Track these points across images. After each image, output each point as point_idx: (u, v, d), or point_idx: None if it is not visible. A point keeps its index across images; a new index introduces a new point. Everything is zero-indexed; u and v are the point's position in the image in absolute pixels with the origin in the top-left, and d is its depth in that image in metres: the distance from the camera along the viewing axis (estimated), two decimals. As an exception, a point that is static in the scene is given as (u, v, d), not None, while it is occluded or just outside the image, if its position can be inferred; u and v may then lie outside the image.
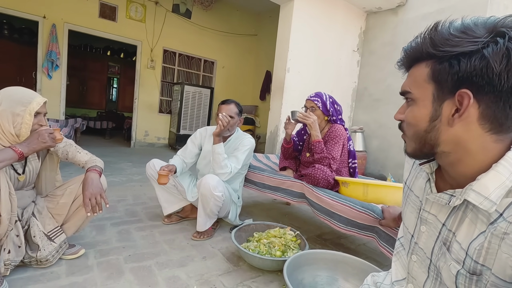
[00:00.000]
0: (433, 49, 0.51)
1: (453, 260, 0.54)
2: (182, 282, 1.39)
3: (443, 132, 0.53)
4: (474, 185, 0.50)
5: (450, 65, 0.49)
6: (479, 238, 0.50)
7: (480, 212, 0.51)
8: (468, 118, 0.50)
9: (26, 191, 1.39)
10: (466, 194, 0.51)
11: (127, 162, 4.15)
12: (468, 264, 0.51)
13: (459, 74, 0.48)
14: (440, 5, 3.52)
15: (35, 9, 4.61)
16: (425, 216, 0.63)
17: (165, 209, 2.05)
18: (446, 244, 0.57)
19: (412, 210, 0.68)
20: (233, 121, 1.95)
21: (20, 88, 1.30)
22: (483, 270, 0.49)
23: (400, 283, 0.72)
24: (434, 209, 0.61)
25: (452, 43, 0.48)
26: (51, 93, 4.85)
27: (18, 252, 1.27)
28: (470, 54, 0.46)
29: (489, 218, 0.49)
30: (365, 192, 1.57)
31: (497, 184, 0.48)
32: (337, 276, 1.36)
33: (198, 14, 6.08)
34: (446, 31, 0.49)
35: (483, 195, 0.49)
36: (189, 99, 5.67)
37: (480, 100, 0.48)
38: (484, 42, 0.46)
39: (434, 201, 0.59)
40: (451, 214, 0.57)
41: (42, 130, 1.25)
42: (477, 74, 0.46)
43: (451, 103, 0.51)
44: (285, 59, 3.73)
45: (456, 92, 0.49)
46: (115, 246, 1.66)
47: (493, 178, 0.48)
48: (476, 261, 0.50)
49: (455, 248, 0.54)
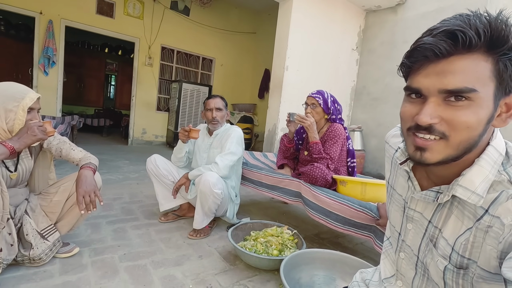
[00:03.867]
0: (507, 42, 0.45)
1: (440, 256, 0.55)
2: (178, 281, 1.37)
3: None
4: (460, 180, 0.51)
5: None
6: (466, 234, 0.51)
7: (466, 209, 0.51)
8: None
9: (19, 188, 1.37)
10: (454, 190, 0.51)
11: (124, 160, 4.13)
12: (455, 259, 0.52)
13: None
14: (439, 4, 3.51)
15: (31, 4, 4.55)
16: (411, 214, 0.63)
17: (162, 205, 2.03)
18: (432, 240, 0.57)
19: (397, 209, 0.69)
20: (222, 114, 2.01)
21: (13, 83, 1.27)
22: (469, 263, 0.50)
23: (389, 280, 0.72)
24: (419, 206, 0.61)
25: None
26: (48, 90, 4.80)
27: (11, 251, 1.25)
28: None
29: (476, 215, 0.50)
30: (363, 191, 1.56)
31: (481, 178, 0.49)
32: (334, 275, 1.35)
33: (196, 11, 6.04)
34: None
35: (470, 190, 0.49)
36: (187, 97, 5.64)
37: None
38: None
39: (420, 199, 0.59)
40: (436, 211, 0.57)
41: (31, 123, 1.22)
42: None
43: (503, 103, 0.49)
44: (283, 57, 3.71)
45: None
46: (110, 245, 1.64)
47: (477, 172, 0.50)
48: (462, 255, 0.51)
49: (442, 244, 0.55)
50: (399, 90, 3.73)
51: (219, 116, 2.00)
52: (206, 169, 1.83)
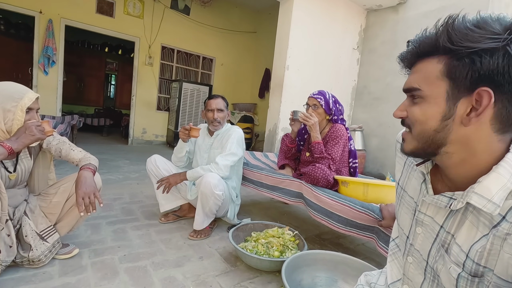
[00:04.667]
0: (451, 44, 0.47)
1: (453, 262, 0.53)
2: (178, 282, 1.36)
3: (454, 132, 0.50)
4: (476, 187, 0.49)
5: (472, 61, 0.46)
6: (482, 241, 0.49)
7: (481, 215, 0.50)
8: (482, 118, 0.48)
9: (18, 189, 1.36)
10: (469, 197, 0.49)
11: (124, 160, 4.11)
12: (469, 266, 0.50)
13: (480, 71, 0.45)
14: (441, 3, 3.49)
15: (31, 4, 4.54)
16: (421, 217, 0.61)
17: (162, 206, 2.02)
18: (444, 246, 0.56)
19: (407, 211, 0.67)
20: (223, 114, 2.00)
21: (11, 83, 1.26)
22: (485, 271, 0.49)
23: (395, 284, 0.71)
24: (430, 211, 0.59)
25: (472, 38, 0.45)
26: (48, 90, 4.79)
27: (9, 252, 1.23)
28: (492, 51, 0.44)
29: (492, 222, 0.48)
30: (365, 192, 1.54)
31: (499, 186, 0.47)
32: (336, 277, 1.34)
33: (197, 10, 6.02)
34: (463, 25, 0.47)
35: (486, 198, 0.47)
36: (187, 96, 5.63)
37: (497, 99, 0.46)
38: (508, 39, 0.43)
39: (432, 203, 0.58)
40: (449, 216, 0.55)
41: (29, 123, 1.21)
42: (499, 72, 0.44)
43: (467, 101, 0.49)
44: (284, 56, 3.69)
45: (475, 90, 0.47)
46: (110, 246, 1.63)
47: (494, 180, 0.47)
48: (478, 263, 0.49)
49: (455, 251, 0.53)
50: (400, 90, 3.70)
51: (221, 117, 1.99)
52: (205, 169, 1.81)
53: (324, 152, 1.79)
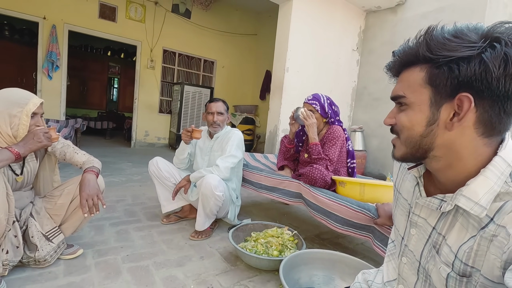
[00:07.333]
0: (430, 53, 0.50)
1: (443, 263, 0.55)
2: (179, 281, 1.39)
3: (439, 137, 0.53)
4: (464, 190, 0.51)
5: (450, 69, 0.48)
6: (469, 242, 0.51)
7: (471, 217, 0.51)
8: (465, 123, 0.50)
9: (24, 191, 1.40)
10: (457, 200, 0.52)
11: (127, 162, 4.17)
12: (458, 266, 0.52)
13: (459, 78, 0.48)
14: (439, 4, 3.50)
15: (35, 10, 4.62)
16: (415, 219, 0.63)
17: (164, 207, 2.06)
18: (435, 247, 0.57)
19: (402, 213, 0.69)
20: (223, 118, 2.04)
21: (16, 89, 1.30)
22: (473, 271, 0.50)
23: (391, 283, 0.73)
24: (423, 212, 0.61)
25: (449, 47, 0.48)
26: (52, 94, 4.87)
27: (16, 253, 1.28)
28: (469, 58, 0.47)
29: (480, 223, 0.50)
30: (362, 191, 1.57)
31: (486, 189, 0.49)
32: (333, 275, 1.36)
33: (197, 14, 6.08)
34: (441, 35, 0.49)
35: (473, 200, 0.49)
36: (189, 99, 5.68)
37: (478, 104, 0.48)
38: (482, 47, 0.46)
39: (424, 205, 0.60)
40: (441, 218, 0.57)
41: (37, 130, 1.26)
42: (476, 79, 0.47)
43: (449, 107, 0.51)
44: (284, 58, 3.72)
45: (455, 96, 0.50)
46: (113, 246, 1.67)
47: (482, 183, 0.49)
48: (466, 263, 0.51)
49: (445, 251, 0.55)
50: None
51: (220, 120, 2.02)
52: (207, 171, 1.85)
53: (321, 153, 1.83)
